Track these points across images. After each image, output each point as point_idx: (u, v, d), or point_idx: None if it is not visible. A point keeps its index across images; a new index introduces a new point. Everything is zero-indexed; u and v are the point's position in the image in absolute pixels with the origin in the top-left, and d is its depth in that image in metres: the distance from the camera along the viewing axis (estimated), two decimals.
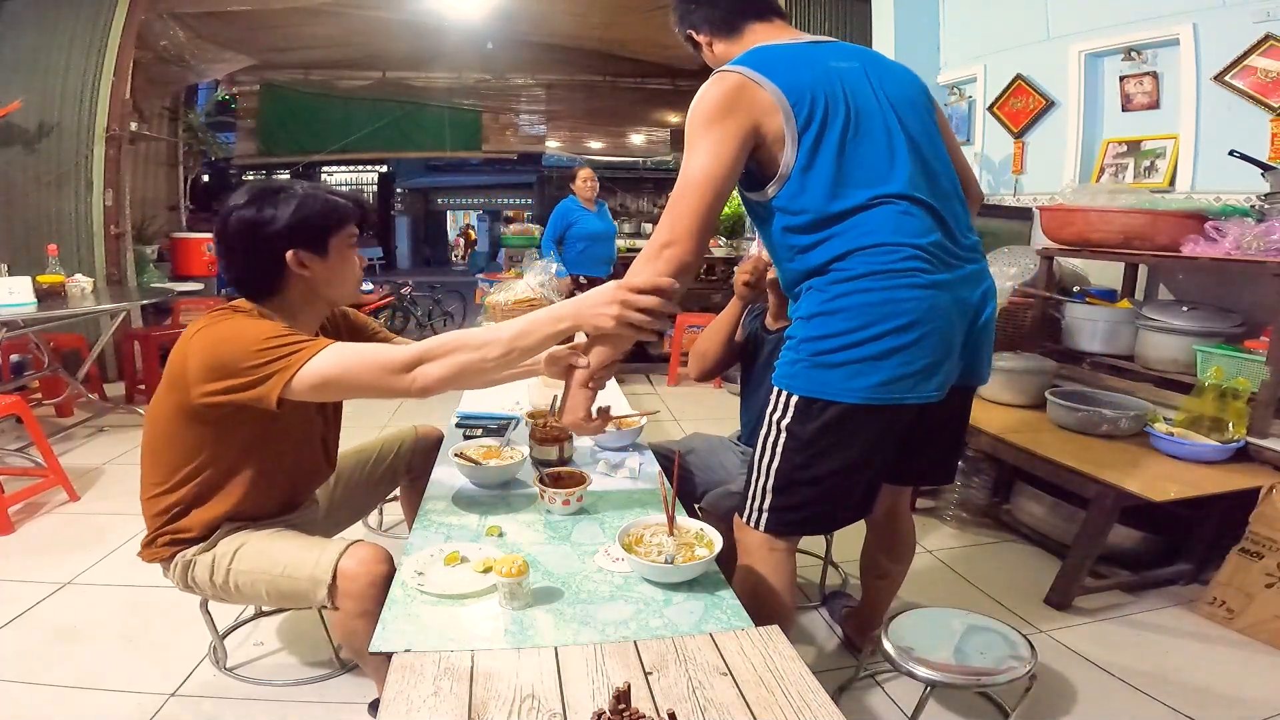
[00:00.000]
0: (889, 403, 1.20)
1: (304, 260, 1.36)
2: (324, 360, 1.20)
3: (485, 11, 5.95)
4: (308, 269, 1.37)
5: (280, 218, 1.33)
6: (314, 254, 1.37)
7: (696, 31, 1.41)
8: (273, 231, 1.33)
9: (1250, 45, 2.35)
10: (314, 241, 1.36)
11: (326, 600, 1.30)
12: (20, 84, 4.35)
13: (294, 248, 1.34)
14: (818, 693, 0.90)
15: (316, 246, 1.37)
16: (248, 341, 1.23)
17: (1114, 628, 2.00)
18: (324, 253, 1.38)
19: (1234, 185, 2.39)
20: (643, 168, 10.20)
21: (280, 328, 1.28)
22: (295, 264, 1.35)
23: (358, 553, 1.31)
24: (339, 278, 1.41)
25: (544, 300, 3.18)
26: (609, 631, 1.04)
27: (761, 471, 1.31)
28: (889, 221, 1.18)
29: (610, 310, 1.17)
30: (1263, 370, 2.04)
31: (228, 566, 1.38)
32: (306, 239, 1.35)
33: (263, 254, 1.35)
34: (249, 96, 7.56)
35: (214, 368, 1.24)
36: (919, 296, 1.17)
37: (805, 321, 1.24)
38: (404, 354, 1.20)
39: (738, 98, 1.19)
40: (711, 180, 1.17)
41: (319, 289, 1.41)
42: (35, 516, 2.64)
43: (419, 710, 0.86)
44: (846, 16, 4.86)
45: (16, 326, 3.22)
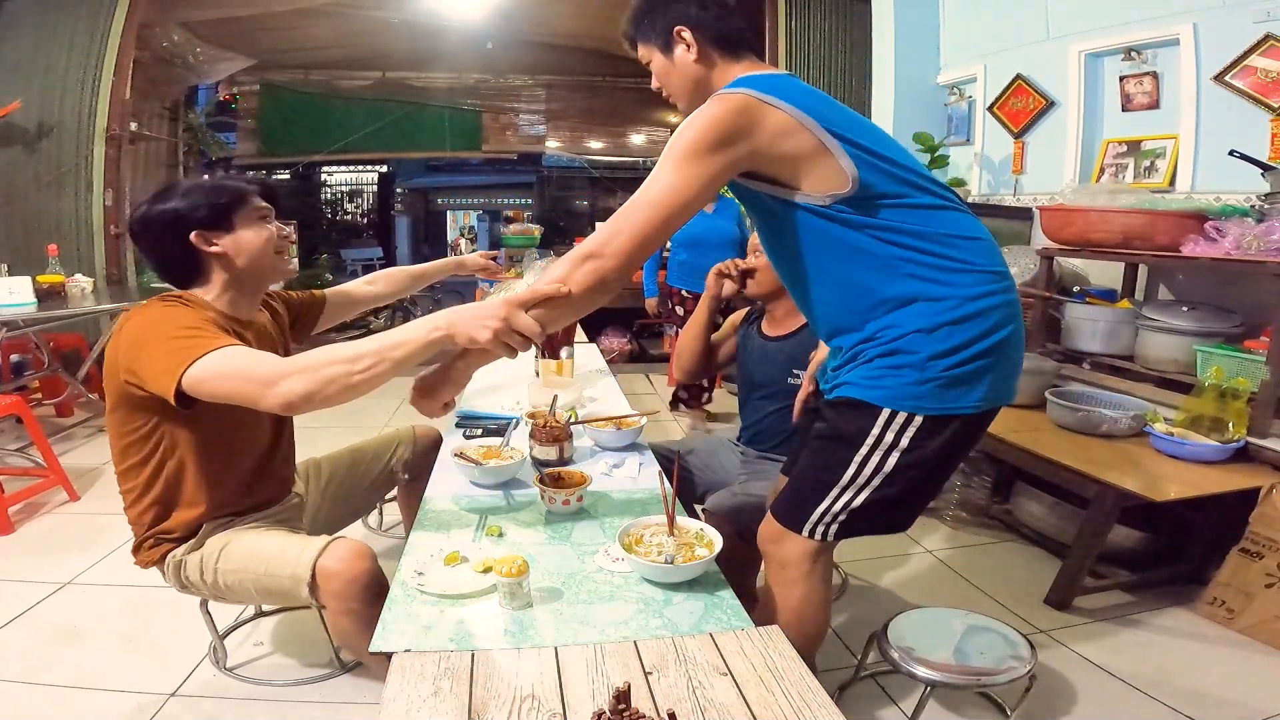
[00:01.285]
0: (999, 405, 1.19)
1: (210, 238, 1.40)
2: (204, 364, 1.18)
3: (485, 11, 5.95)
4: (216, 245, 1.40)
5: (177, 205, 1.38)
6: (218, 230, 1.40)
7: (688, 28, 1.24)
8: (173, 218, 1.38)
9: (1250, 45, 2.35)
10: (215, 219, 1.40)
11: (310, 599, 1.31)
12: (20, 84, 4.35)
13: (197, 229, 1.38)
14: (818, 693, 0.90)
15: (219, 223, 1.40)
16: (155, 335, 1.25)
17: (1114, 628, 2.00)
18: (229, 228, 1.41)
19: (1234, 185, 2.39)
20: (643, 168, 10.19)
21: (193, 320, 1.28)
22: (202, 243, 1.39)
23: (336, 550, 1.31)
24: (251, 248, 1.43)
25: None
26: (609, 631, 1.04)
27: (851, 489, 1.20)
28: (966, 219, 1.16)
29: (491, 325, 1.10)
30: (1263, 370, 2.04)
31: (215, 566, 1.39)
32: (207, 218, 1.39)
33: (170, 242, 1.39)
34: (249, 97, 7.56)
35: (130, 356, 1.27)
36: (1012, 292, 1.17)
37: (926, 335, 1.12)
38: (275, 366, 1.17)
39: (746, 124, 1.10)
40: (676, 208, 1.10)
41: (236, 264, 1.42)
42: (35, 516, 2.64)
43: (419, 710, 0.86)
44: (846, 16, 4.86)
45: (16, 326, 3.22)
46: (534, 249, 5.45)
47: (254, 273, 1.46)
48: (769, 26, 4.91)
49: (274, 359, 1.21)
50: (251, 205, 1.44)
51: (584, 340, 3.16)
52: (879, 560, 2.35)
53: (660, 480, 1.35)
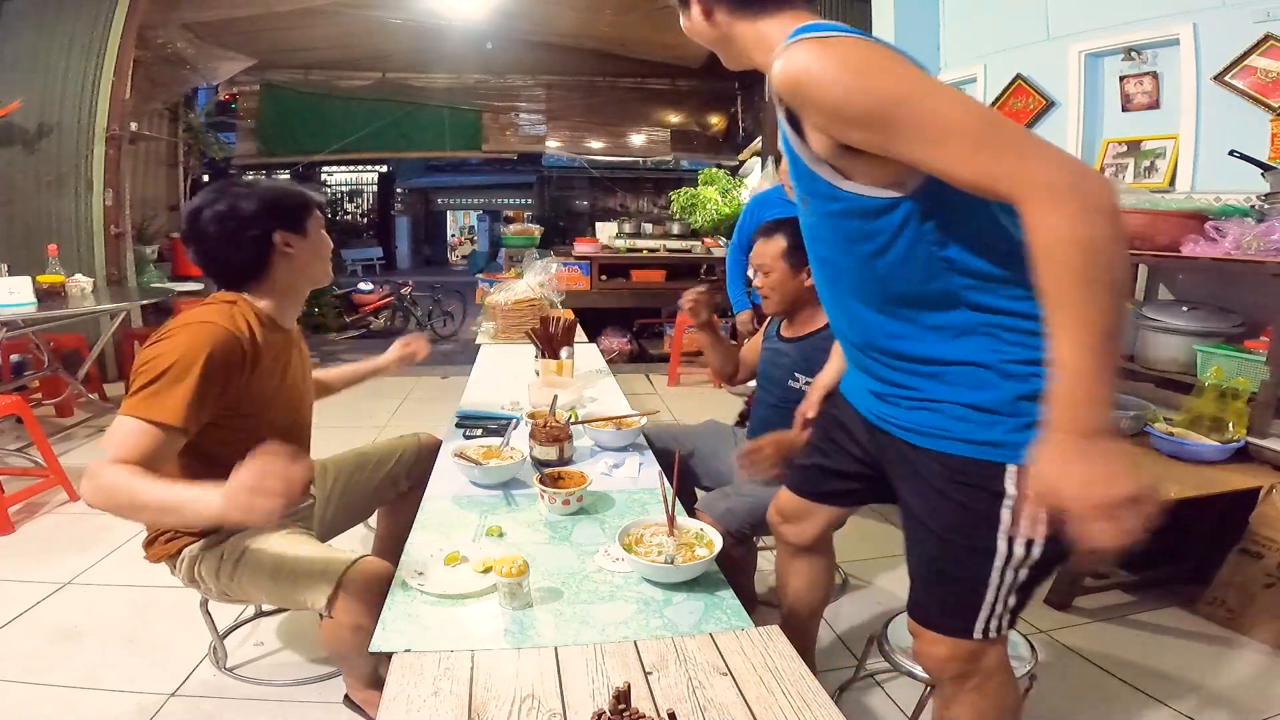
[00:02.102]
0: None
1: (289, 240, 1.44)
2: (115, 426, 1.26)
3: (485, 11, 5.95)
4: (292, 248, 1.44)
5: (260, 205, 1.40)
6: (295, 234, 1.45)
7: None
8: (255, 218, 1.40)
9: (1250, 45, 2.35)
10: (294, 222, 1.45)
11: (325, 609, 1.30)
12: (20, 84, 4.35)
13: (279, 229, 1.42)
14: (818, 693, 0.90)
15: (297, 227, 1.45)
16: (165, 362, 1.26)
17: (1114, 628, 2.00)
18: (303, 232, 1.46)
19: (1234, 185, 2.39)
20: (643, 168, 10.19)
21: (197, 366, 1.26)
22: (282, 244, 1.43)
23: (365, 569, 1.30)
24: (318, 255, 1.51)
25: (543, 301, 3.18)
26: (609, 631, 1.04)
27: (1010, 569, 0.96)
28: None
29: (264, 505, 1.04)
30: (1263, 370, 2.03)
31: (234, 571, 1.39)
32: (288, 221, 1.44)
33: (247, 241, 1.41)
34: (249, 97, 7.57)
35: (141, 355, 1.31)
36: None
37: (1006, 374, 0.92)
38: (101, 466, 1.24)
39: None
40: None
41: (302, 268, 1.48)
42: (35, 516, 2.64)
43: (419, 710, 0.86)
44: (846, 16, 4.86)
45: (16, 326, 3.22)
46: (534, 249, 5.46)
47: (310, 277, 1.52)
48: None
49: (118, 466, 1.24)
50: (317, 214, 1.51)
51: (584, 340, 3.16)
52: (879, 560, 2.35)
53: (660, 480, 1.35)
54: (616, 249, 5.69)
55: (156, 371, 1.25)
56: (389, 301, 7.63)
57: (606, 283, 5.57)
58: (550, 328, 2.40)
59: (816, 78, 0.83)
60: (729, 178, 6.25)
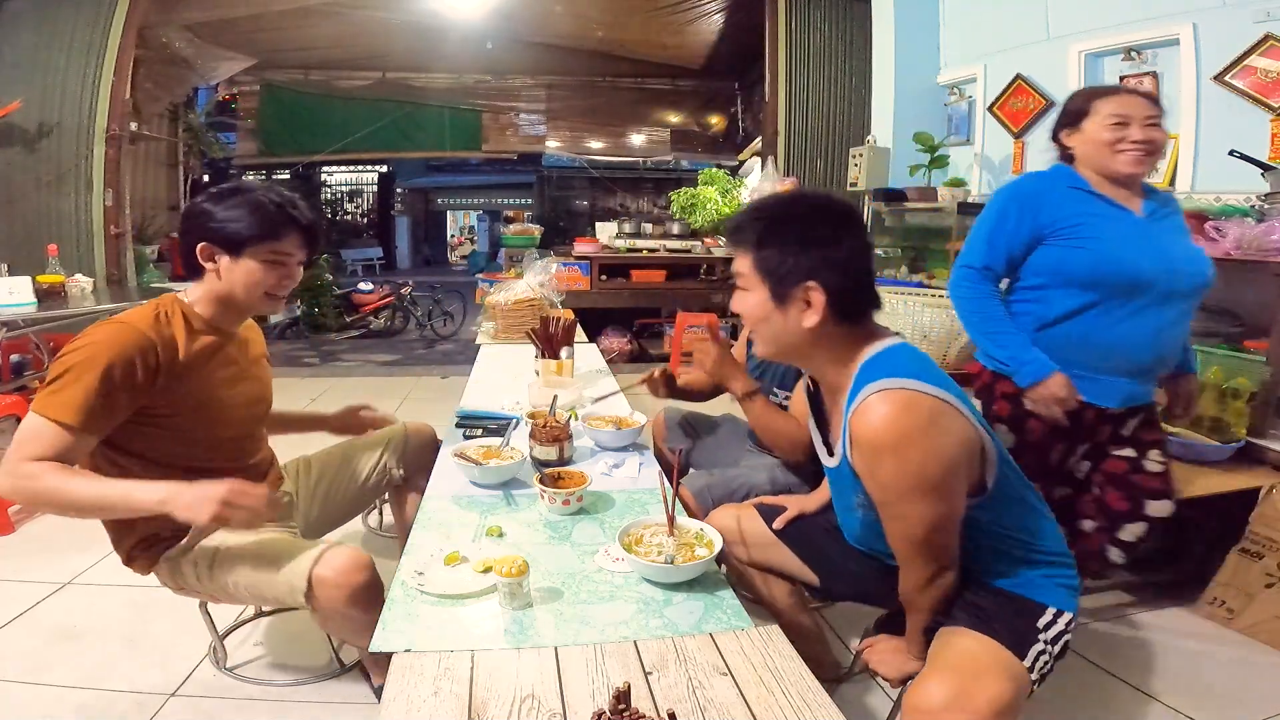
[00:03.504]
0: None
1: (211, 253, 1.40)
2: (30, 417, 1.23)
3: (485, 11, 5.95)
4: (214, 264, 1.40)
5: (213, 211, 1.39)
6: (224, 252, 1.39)
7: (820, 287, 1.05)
8: (199, 220, 1.39)
9: (1250, 45, 2.35)
10: (228, 241, 1.39)
11: (305, 605, 1.31)
12: (20, 84, 4.35)
13: (207, 240, 1.38)
14: (818, 693, 0.90)
15: (230, 246, 1.39)
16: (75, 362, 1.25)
17: (1114, 628, 2.00)
18: (235, 254, 1.39)
19: (1234, 185, 2.39)
20: (643, 168, 10.20)
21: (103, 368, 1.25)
22: (203, 256, 1.40)
23: (332, 560, 1.31)
24: (239, 282, 1.41)
25: (543, 301, 3.18)
26: (609, 631, 1.04)
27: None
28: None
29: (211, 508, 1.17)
30: (1263, 370, 2.04)
31: (210, 570, 1.39)
32: (223, 237, 1.38)
33: (187, 237, 1.41)
34: (249, 96, 7.57)
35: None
36: None
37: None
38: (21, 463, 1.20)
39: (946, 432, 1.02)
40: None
41: (223, 289, 1.42)
42: (35, 516, 2.64)
43: (419, 710, 0.86)
44: (846, 16, 4.86)
45: (16, 326, 3.22)
46: (534, 249, 5.46)
47: (235, 305, 1.46)
48: (769, 26, 4.91)
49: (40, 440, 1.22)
50: (271, 245, 1.41)
51: (584, 340, 3.16)
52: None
53: (660, 480, 1.35)
54: (616, 249, 5.69)
55: (61, 369, 1.25)
56: (389, 301, 7.63)
57: (606, 283, 5.56)
58: (550, 328, 2.40)
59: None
60: (729, 178, 6.25)
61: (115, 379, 1.25)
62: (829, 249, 1.07)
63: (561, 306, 3.25)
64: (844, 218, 1.11)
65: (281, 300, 1.49)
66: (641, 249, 5.67)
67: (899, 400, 1.00)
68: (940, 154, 3.58)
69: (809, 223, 1.09)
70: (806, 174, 4.96)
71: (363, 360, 6.23)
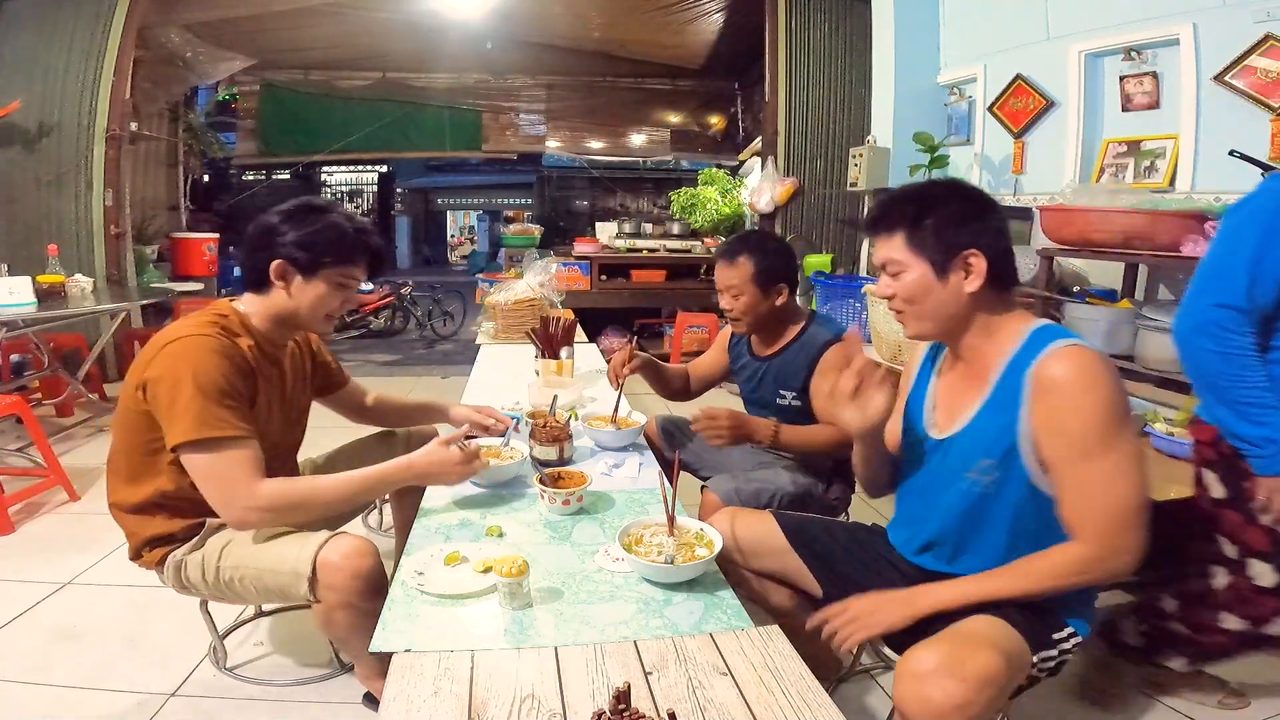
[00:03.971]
0: None
1: (285, 273, 1.41)
2: (202, 456, 1.27)
3: (485, 11, 5.95)
4: (285, 282, 1.41)
5: (291, 230, 1.40)
6: (298, 272, 1.41)
7: (979, 254, 1.13)
8: (275, 238, 1.40)
9: (1250, 45, 2.35)
10: (306, 262, 1.41)
11: (309, 593, 1.31)
12: (20, 84, 4.35)
13: (284, 259, 1.40)
14: (818, 693, 0.90)
15: (305, 268, 1.41)
16: (188, 379, 1.27)
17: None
18: (309, 275, 1.42)
19: (1234, 185, 2.39)
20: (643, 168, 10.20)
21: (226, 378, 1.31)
22: (275, 274, 1.40)
23: (339, 545, 1.32)
24: (309, 305, 1.44)
25: (543, 301, 3.18)
26: (609, 631, 1.04)
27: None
28: None
29: (459, 475, 1.45)
30: None
31: (216, 564, 1.40)
32: (300, 257, 1.40)
33: (260, 252, 1.41)
34: (249, 96, 7.56)
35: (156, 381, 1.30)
36: None
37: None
38: (249, 487, 1.27)
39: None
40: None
41: (289, 307, 1.44)
42: (35, 516, 2.64)
43: (419, 710, 0.86)
44: (846, 16, 4.86)
45: (16, 326, 3.22)
46: (534, 249, 5.46)
47: (298, 325, 1.50)
48: (769, 26, 4.91)
49: (254, 478, 1.28)
50: (344, 269, 1.45)
51: (584, 340, 3.16)
52: None
53: (660, 480, 1.35)
54: (616, 249, 5.69)
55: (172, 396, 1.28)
56: (389, 301, 7.63)
57: (606, 283, 5.57)
58: (550, 328, 2.40)
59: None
60: (729, 178, 6.25)
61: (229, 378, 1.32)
62: (984, 219, 1.16)
63: (561, 306, 3.25)
64: (980, 195, 1.21)
65: (333, 321, 1.53)
66: (641, 249, 5.67)
67: (1090, 354, 1.08)
68: (940, 154, 3.58)
69: (957, 198, 1.17)
70: (806, 174, 4.95)
71: (363, 360, 6.23)
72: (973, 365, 1.21)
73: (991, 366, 1.17)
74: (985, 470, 1.16)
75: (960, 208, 1.17)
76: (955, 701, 0.93)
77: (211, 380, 1.28)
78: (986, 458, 1.16)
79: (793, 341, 1.86)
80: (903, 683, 0.99)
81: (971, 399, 1.20)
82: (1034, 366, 1.09)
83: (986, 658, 0.98)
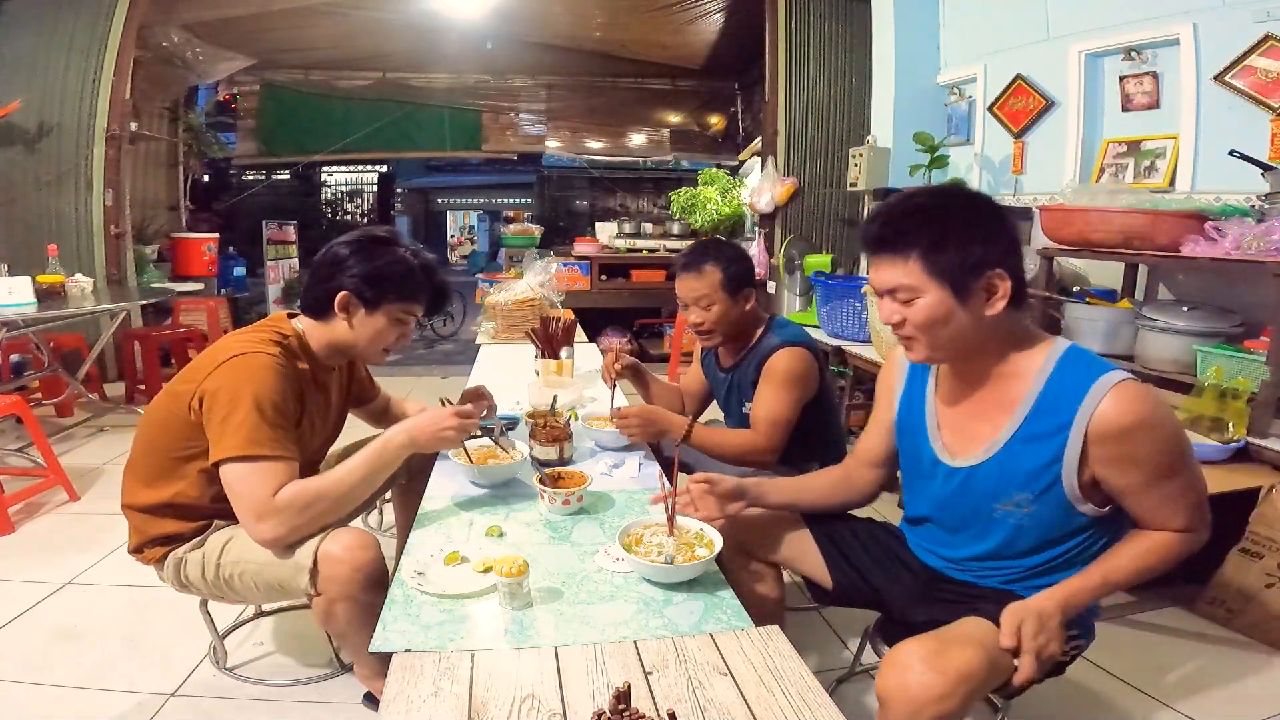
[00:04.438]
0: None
1: (349, 305, 1.44)
2: (241, 468, 1.28)
3: (485, 11, 5.95)
4: (348, 314, 1.44)
5: (360, 264, 1.43)
6: (363, 305, 1.44)
7: (1004, 274, 1.07)
8: (344, 269, 1.43)
9: (1250, 45, 2.35)
10: (371, 297, 1.44)
11: (309, 587, 1.31)
12: (20, 84, 4.35)
13: (350, 291, 1.43)
14: (818, 693, 0.90)
15: (370, 301, 1.44)
16: (248, 396, 1.29)
17: (1114, 628, 2.00)
18: (373, 309, 1.45)
19: (1234, 185, 2.39)
20: (643, 168, 10.18)
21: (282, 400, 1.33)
22: (340, 305, 1.43)
23: (340, 538, 1.33)
24: (369, 339, 1.48)
25: (543, 301, 3.18)
26: (609, 631, 1.04)
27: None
28: None
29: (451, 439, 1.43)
30: (1263, 370, 2.03)
31: (217, 561, 1.40)
32: (367, 292, 1.43)
33: (327, 282, 1.44)
34: (249, 96, 7.55)
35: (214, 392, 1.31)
36: None
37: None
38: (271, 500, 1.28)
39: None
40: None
41: (348, 338, 1.47)
42: (35, 516, 2.64)
43: (419, 710, 0.86)
44: (846, 16, 4.86)
45: (16, 326, 3.22)
46: (534, 249, 5.46)
47: (354, 355, 1.53)
48: (769, 26, 4.91)
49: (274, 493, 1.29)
50: (405, 305, 1.48)
51: (584, 340, 3.16)
52: None
53: (660, 480, 1.35)
54: (616, 249, 5.69)
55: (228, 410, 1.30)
56: None
57: (606, 283, 5.57)
58: (550, 328, 2.40)
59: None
60: (729, 178, 6.25)
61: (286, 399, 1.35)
62: (1006, 238, 1.08)
63: (561, 306, 3.25)
64: (994, 205, 1.12)
65: (389, 355, 1.57)
66: (641, 249, 5.67)
67: (1143, 388, 1.06)
68: (940, 154, 3.58)
69: (978, 214, 1.09)
70: (806, 174, 4.95)
71: None
72: (991, 391, 1.15)
73: (1015, 394, 1.12)
74: (1021, 503, 1.14)
75: (981, 223, 1.07)
76: (933, 693, 0.95)
77: (270, 400, 1.31)
78: (1022, 492, 1.13)
79: (750, 350, 1.88)
80: (885, 672, 1.01)
81: (994, 427, 1.14)
82: (1088, 411, 1.04)
83: (968, 654, 0.99)
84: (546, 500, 1.42)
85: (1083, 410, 1.05)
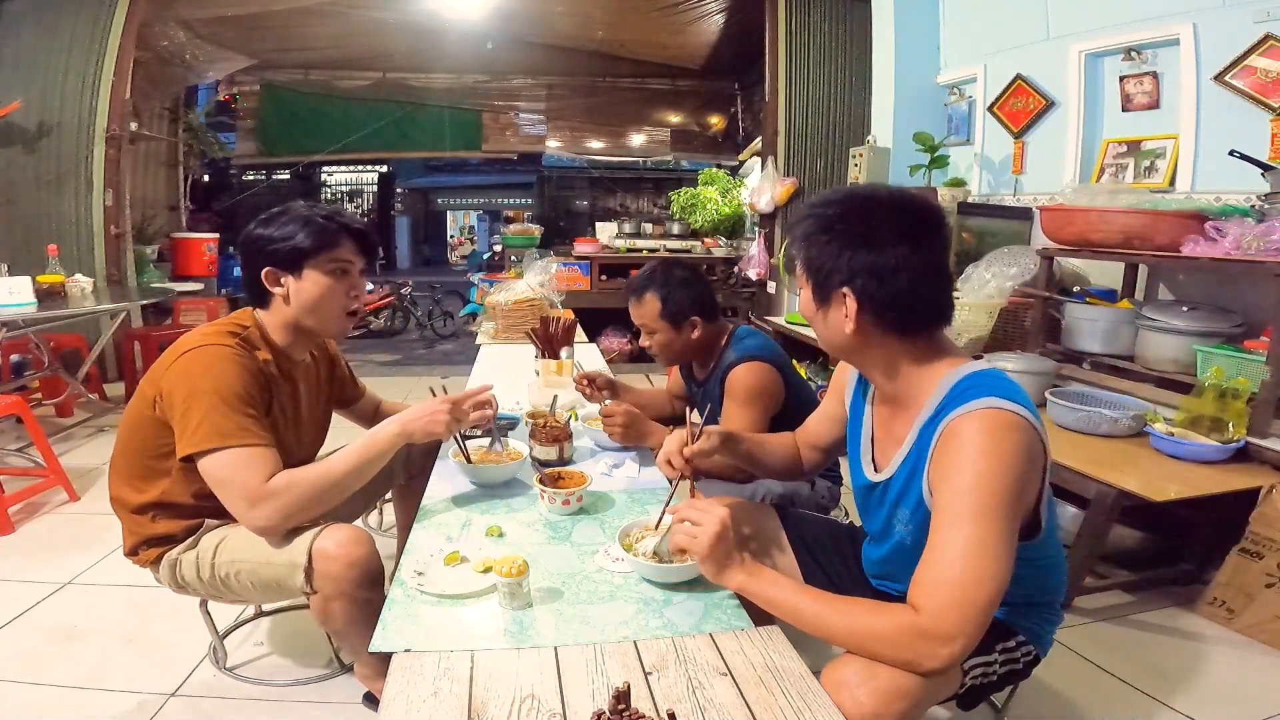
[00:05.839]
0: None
1: (277, 278, 1.41)
2: (219, 459, 1.27)
3: (485, 11, 5.95)
4: (281, 287, 1.42)
5: (265, 234, 1.40)
6: (287, 272, 1.41)
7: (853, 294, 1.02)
8: (256, 246, 1.41)
9: (1250, 45, 2.35)
10: (289, 260, 1.40)
11: (305, 584, 1.31)
12: (20, 84, 4.35)
13: (269, 264, 1.40)
14: (818, 693, 0.90)
15: (291, 265, 1.40)
16: (207, 389, 1.28)
17: (1114, 628, 2.00)
18: (298, 272, 1.41)
19: (1234, 185, 2.39)
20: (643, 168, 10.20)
21: (243, 389, 1.31)
22: (269, 282, 1.41)
23: (335, 535, 1.33)
24: (313, 304, 1.43)
25: (543, 301, 3.18)
26: (609, 631, 1.04)
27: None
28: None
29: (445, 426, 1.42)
30: (1263, 370, 2.04)
31: (212, 561, 1.40)
32: (281, 257, 1.40)
33: (249, 267, 1.42)
34: (249, 96, 7.56)
35: (172, 389, 1.31)
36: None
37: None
38: (264, 485, 1.27)
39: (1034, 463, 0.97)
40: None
41: (294, 312, 1.44)
42: (35, 516, 2.64)
43: (419, 710, 0.86)
44: (846, 16, 4.86)
45: (16, 326, 3.22)
46: (534, 249, 5.46)
47: (311, 329, 1.48)
48: (769, 26, 4.91)
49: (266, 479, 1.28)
50: (329, 255, 1.42)
51: (584, 340, 3.16)
52: None
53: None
54: (616, 249, 5.69)
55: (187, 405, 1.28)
56: (389, 301, 7.64)
57: (606, 283, 5.57)
58: (550, 328, 2.40)
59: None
60: (729, 178, 6.26)
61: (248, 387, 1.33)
62: (873, 255, 1.00)
63: (562, 306, 3.25)
64: (912, 223, 1.02)
65: (354, 317, 1.51)
66: (641, 249, 5.67)
67: (1009, 419, 0.95)
68: (940, 154, 3.58)
69: (862, 224, 1.02)
70: (806, 174, 4.95)
71: (363, 360, 6.23)
72: (899, 410, 1.13)
73: (914, 415, 1.07)
74: (904, 521, 1.11)
75: (851, 235, 1.02)
76: (864, 712, 0.90)
77: (231, 389, 1.29)
78: (904, 508, 1.11)
79: (716, 366, 1.89)
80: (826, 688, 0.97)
81: (897, 446, 1.12)
82: (947, 418, 0.99)
83: (899, 671, 0.93)
84: (546, 500, 1.42)
85: (944, 420, 0.99)
